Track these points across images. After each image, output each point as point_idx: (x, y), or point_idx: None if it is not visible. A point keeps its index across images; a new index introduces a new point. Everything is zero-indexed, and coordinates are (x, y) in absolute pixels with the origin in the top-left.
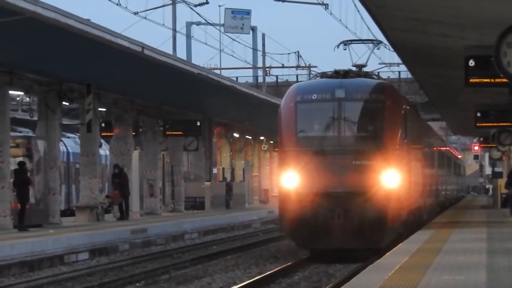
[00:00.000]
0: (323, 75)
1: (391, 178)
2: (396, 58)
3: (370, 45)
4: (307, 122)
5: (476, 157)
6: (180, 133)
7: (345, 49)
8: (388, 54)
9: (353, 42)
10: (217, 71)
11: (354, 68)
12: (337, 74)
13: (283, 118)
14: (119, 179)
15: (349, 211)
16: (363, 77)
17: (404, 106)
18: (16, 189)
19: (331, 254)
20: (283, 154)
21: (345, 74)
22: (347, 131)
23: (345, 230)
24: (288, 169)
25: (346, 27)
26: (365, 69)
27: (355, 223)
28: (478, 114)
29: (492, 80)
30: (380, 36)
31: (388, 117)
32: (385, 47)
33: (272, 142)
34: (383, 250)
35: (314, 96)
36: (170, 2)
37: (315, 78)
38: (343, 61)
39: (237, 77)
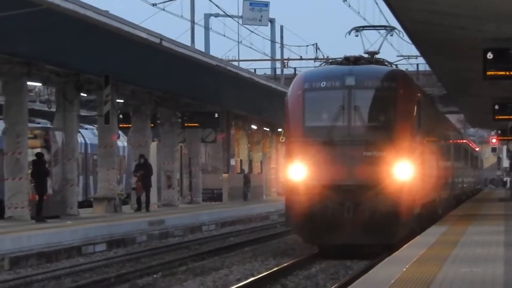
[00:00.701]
0: (333, 62)
1: (404, 170)
2: (414, 51)
3: (383, 31)
4: (315, 111)
5: (493, 150)
6: (197, 124)
7: (356, 36)
8: (407, 46)
9: (365, 28)
10: (235, 63)
11: (365, 55)
12: (347, 60)
13: (290, 107)
14: (145, 170)
15: (360, 204)
16: (375, 64)
17: (417, 95)
18: (34, 180)
19: (341, 250)
20: (290, 145)
21: (356, 60)
22: (358, 120)
23: (355, 225)
24: (295, 160)
25: (364, 19)
26: (377, 56)
27: (365, 217)
28: (496, 107)
29: (510, 73)
30: (398, 28)
31: (400, 106)
32: (399, 34)
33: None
34: (395, 246)
35: (323, 84)
36: None
37: (325, 65)
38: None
39: (255, 69)
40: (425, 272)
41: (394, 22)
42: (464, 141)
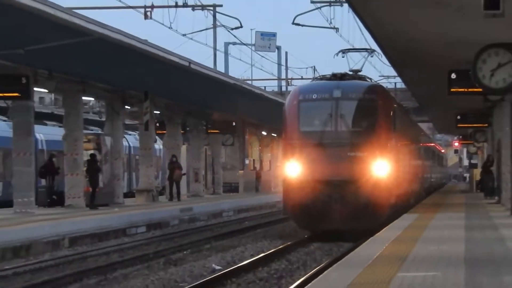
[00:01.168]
0: (323, 77)
1: (381, 168)
2: (393, 72)
3: (365, 53)
4: (308, 118)
5: (456, 151)
6: (219, 131)
7: (343, 57)
8: (387, 68)
9: (350, 50)
10: (249, 82)
11: (350, 73)
12: (334, 76)
13: (288, 114)
14: (176, 168)
15: (345, 196)
16: (358, 80)
17: (393, 105)
18: (89, 176)
19: (330, 234)
20: (287, 146)
21: (342, 76)
22: (343, 126)
23: (341, 213)
24: (291, 159)
25: (353, 46)
26: (360, 74)
27: (349, 207)
28: (458, 117)
29: (469, 90)
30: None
31: (379, 114)
32: (378, 55)
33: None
34: (375, 230)
35: (315, 96)
36: (212, 26)
37: (316, 80)
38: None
39: (265, 87)
40: (401, 250)
41: (375, 46)
42: (433, 144)
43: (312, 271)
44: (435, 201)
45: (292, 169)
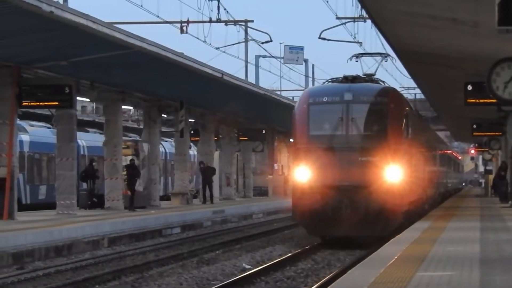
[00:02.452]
0: (334, 80)
1: (393, 173)
2: (412, 83)
3: (379, 58)
4: (318, 122)
5: (472, 158)
6: (249, 138)
7: (357, 61)
8: (407, 80)
9: (363, 55)
10: (278, 92)
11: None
12: (346, 79)
13: (297, 118)
14: (207, 173)
15: (355, 202)
16: (370, 82)
17: (406, 109)
18: (128, 180)
19: (340, 241)
20: (297, 151)
21: (353, 79)
22: (354, 130)
23: (351, 220)
24: (301, 164)
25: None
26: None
27: (360, 213)
28: (474, 126)
29: (485, 100)
30: (401, 66)
31: (391, 118)
32: (392, 60)
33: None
34: (386, 238)
35: (325, 99)
36: (243, 40)
37: (327, 83)
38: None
39: (293, 97)
40: (420, 251)
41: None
42: (449, 151)
43: (336, 270)
44: (452, 205)
45: (302, 174)
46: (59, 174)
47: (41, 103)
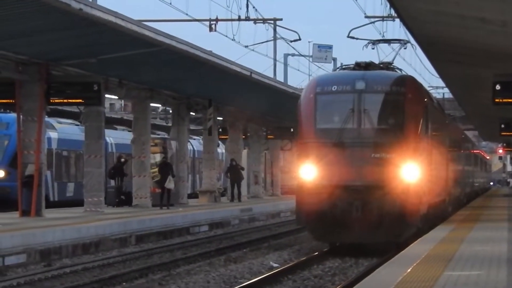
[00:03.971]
0: (346, 67)
1: (411, 172)
2: (441, 83)
3: (398, 45)
4: (326, 113)
5: (500, 158)
6: (277, 137)
7: (373, 48)
8: (436, 80)
9: (380, 41)
10: None
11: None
12: (358, 66)
13: (303, 109)
14: (235, 171)
15: (368, 204)
16: (385, 70)
17: (425, 100)
18: (161, 178)
19: (351, 248)
20: (301, 146)
21: (366, 66)
22: (367, 123)
23: (363, 224)
24: (306, 161)
25: (403, 58)
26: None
27: (373, 216)
28: (502, 126)
29: None
30: (429, 65)
31: (408, 110)
32: (412, 47)
33: None
34: (402, 244)
35: (334, 88)
36: (272, 38)
37: (337, 71)
38: None
39: None
40: (447, 250)
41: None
42: (477, 150)
43: (364, 269)
44: (480, 204)
45: (308, 172)
46: (87, 172)
47: (69, 100)
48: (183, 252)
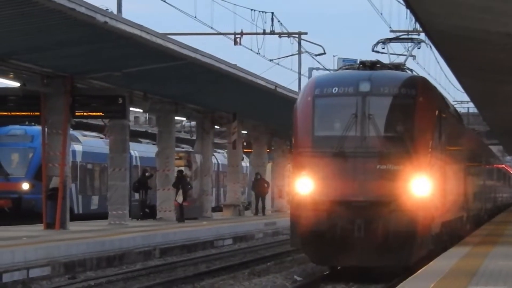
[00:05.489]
0: (349, 67)
1: (422, 186)
2: (465, 97)
3: (411, 44)
4: (326, 119)
5: None
6: None
7: (383, 48)
8: (460, 94)
9: (392, 40)
10: None
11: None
12: (363, 65)
13: (299, 114)
14: (260, 184)
15: (372, 223)
16: (393, 70)
17: (439, 104)
18: (176, 191)
19: (354, 272)
20: (297, 156)
21: (372, 65)
22: (372, 130)
23: (367, 245)
24: (303, 173)
25: (428, 73)
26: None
27: (378, 237)
28: None
29: None
30: (454, 79)
31: (419, 116)
32: (427, 46)
33: None
34: (412, 268)
35: (335, 90)
36: (297, 52)
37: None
38: None
39: None
40: (471, 265)
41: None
42: (502, 165)
43: (388, 285)
44: (503, 219)
45: (304, 186)
46: (111, 185)
47: (94, 113)
48: (207, 265)
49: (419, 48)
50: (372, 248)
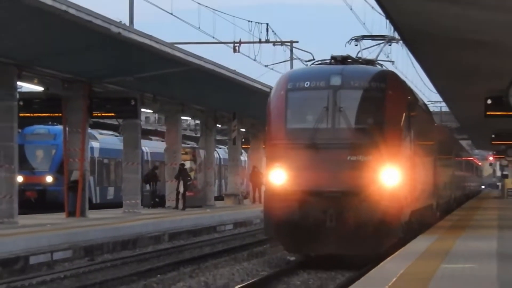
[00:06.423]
0: (321, 62)
1: (392, 176)
2: (439, 98)
3: (382, 42)
4: (298, 112)
5: (490, 164)
6: None
7: (356, 45)
8: (434, 95)
9: (364, 37)
10: None
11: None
12: (334, 60)
13: (272, 107)
14: (256, 176)
15: (344, 212)
16: (364, 64)
17: (408, 97)
18: (177, 182)
19: (326, 260)
20: (271, 148)
21: (343, 60)
22: (343, 122)
23: (338, 234)
24: (276, 164)
25: (407, 77)
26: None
27: (349, 226)
28: (493, 136)
29: (503, 113)
30: (427, 81)
31: (389, 108)
32: (397, 43)
33: None
34: (382, 256)
35: (307, 84)
36: (289, 58)
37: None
38: None
39: None
40: (444, 246)
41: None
42: (471, 157)
43: (361, 271)
44: (472, 205)
45: (277, 177)
46: (125, 177)
47: (109, 114)
48: (211, 248)
49: (390, 45)
50: (344, 237)
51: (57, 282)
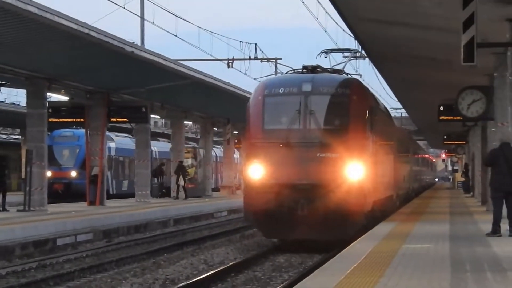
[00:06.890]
0: (294, 71)
1: (355, 171)
2: (398, 104)
3: (348, 53)
4: (273, 115)
5: (443, 160)
6: None
7: (326, 57)
8: (395, 103)
9: (333, 50)
10: None
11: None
12: (305, 69)
13: (251, 111)
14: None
15: (312, 202)
16: (331, 73)
17: (370, 102)
18: (176, 177)
19: (300, 244)
20: (250, 146)
21: (313, 69)
22: (313, 124)
23: (309, 222)
24: (254, 160)
25: (373, 88)
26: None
27: (318, 214)
28: (445, 137)
29: (453, 118)
30: (389, 90)
31: (353, 111)
32: (362, 55)
33: None
34: (348, 241)
35: (281, 90)
36: (274, 73)
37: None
38: None
39: None
40: (405, 229)
41: (387, 87)
42: (426, 155)
43: (329, 253)
44: (429, 195)
45: (255, 171)
46: (137, 172)
47: (124, 119)
48: (209, 231)
49: (356, 58)
50: (314, 224)
51: (80, 260)
